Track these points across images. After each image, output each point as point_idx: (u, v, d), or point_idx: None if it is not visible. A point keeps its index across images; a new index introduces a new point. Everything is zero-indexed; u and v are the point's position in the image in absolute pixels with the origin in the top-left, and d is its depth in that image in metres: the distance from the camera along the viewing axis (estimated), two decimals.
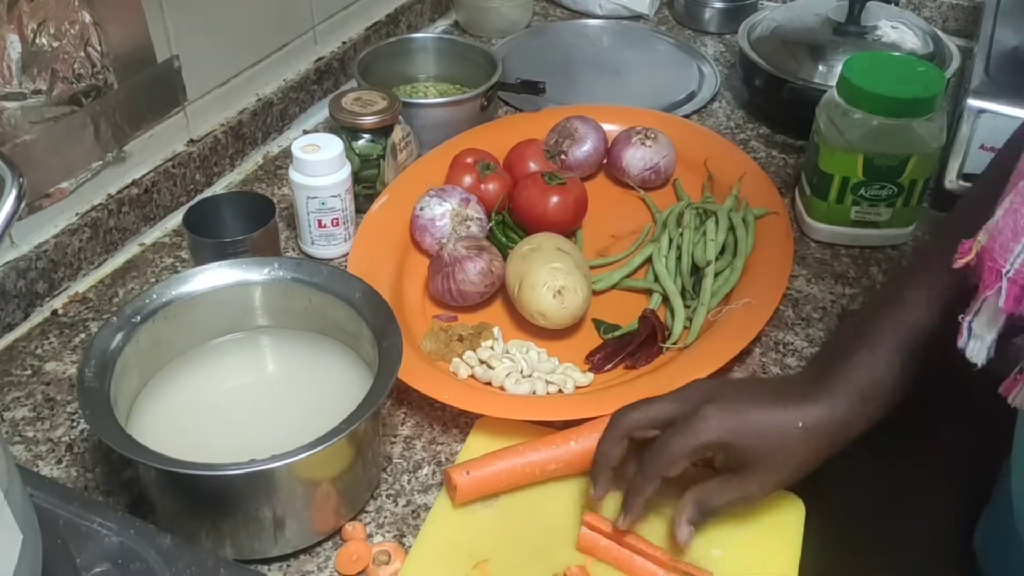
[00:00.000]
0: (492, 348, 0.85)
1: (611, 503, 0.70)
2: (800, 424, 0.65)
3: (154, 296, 0.73)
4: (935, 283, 0.67)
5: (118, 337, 0.70)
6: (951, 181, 1.02)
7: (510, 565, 0.68)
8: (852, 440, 0.66)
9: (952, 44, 1.17)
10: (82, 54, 0.88)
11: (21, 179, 0.52)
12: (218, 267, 0.76)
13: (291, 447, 0.63)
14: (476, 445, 0.77)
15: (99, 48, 0.89)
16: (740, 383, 0.82)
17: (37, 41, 0.83)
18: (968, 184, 1.01)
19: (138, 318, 0.72)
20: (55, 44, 0.85)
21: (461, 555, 0.69)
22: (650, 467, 0.67)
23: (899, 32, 1.18)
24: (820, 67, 1.14)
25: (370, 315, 0.74)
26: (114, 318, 0.71)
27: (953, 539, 1.02)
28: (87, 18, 0.87)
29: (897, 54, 1.11)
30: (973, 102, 1.00)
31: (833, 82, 1.00)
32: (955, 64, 1.13)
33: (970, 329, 0.55)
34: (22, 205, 0.52)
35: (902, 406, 0.66)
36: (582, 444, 0.72)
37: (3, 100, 0.82)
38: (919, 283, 0.68)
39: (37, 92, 0.85)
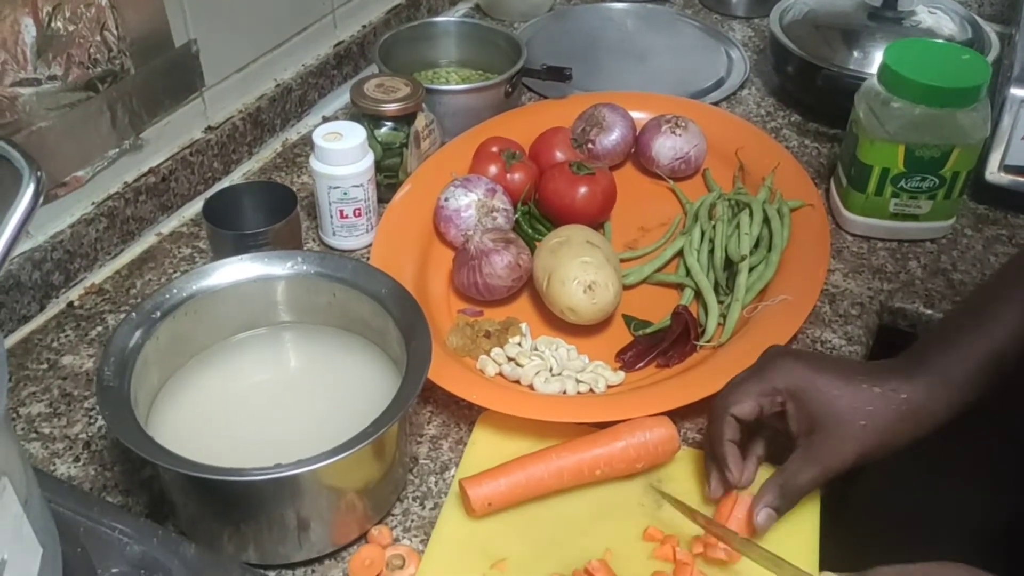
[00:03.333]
0: (520, 345, 0.82)
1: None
2: (876, 387, 0.64)
3: (174, 291, 0.71)
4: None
5: (137, 334, 0.67)
6: (992, 173, 0.99)
7: (529, 563, 0.66)
8: (936, 423, 0.64)
9: (990, 30, 1.13)
10: (98, 38, 0.85)
11: (39, 173, 0.50)
12: (240, 261, 0.74)
13: (315, 446, 0.61)
14: (482, 441, 0.75)
15: (115, 32, 0.87)
16: (819, 352, 0.84)
17: (52, 25, 0.81)
18: (1010, 177, 0.98)
19: (158, 314, 0.69)
20: (71, 28, 0.82)
21: (477, 556, 0.67)
22: (718, 405, 0.67)
23: (936, 17, 1.14)
24: (855, 53, 1.10)
25: (397, 312, 0.71)
26: (133, 314, 0.69)
27: (989, 541, 1.00)
28: (103, 1, 0.84)
29: (940, 41, 1.07)
30: (1016, 91, 0.96)
31: (869, 69, 0.97)
32: (994, 51, 1.10)
33: None
34: (40, 200, 0.49)
35: (990, 397, 0.65)
36: (608, 450, 0.70)
37: (18, 86, 0.80)
38: (1015, 286, 0.66)
39: (52, 78, 0.82)
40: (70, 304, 0.88)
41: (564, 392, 0.78)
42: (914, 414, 0.64)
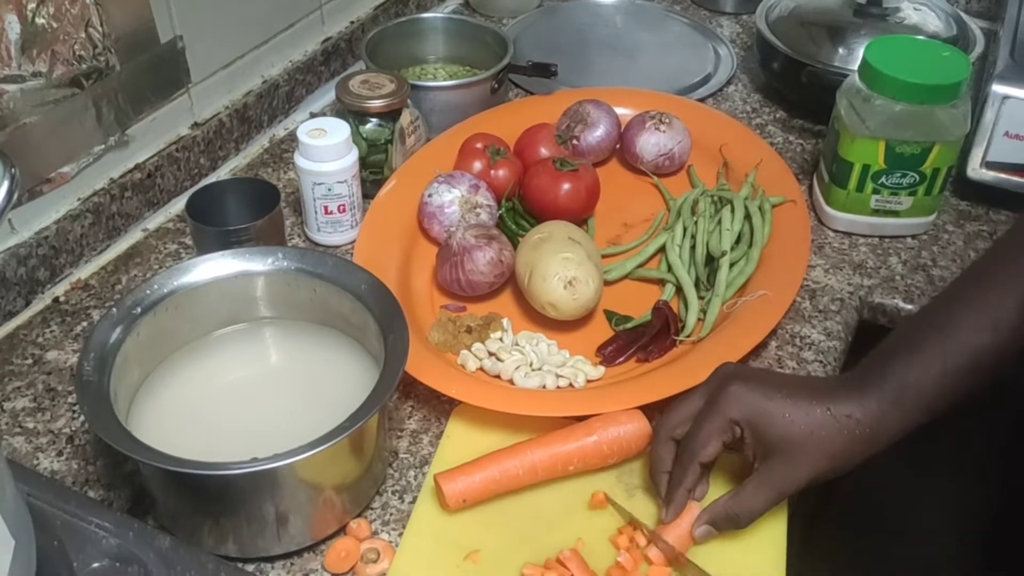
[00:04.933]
0: (501, 340, 0.83)
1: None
2: (829, 411, 0.64)
3: (155, 287, 0.72)
4: (991, 300, 0.64)
5: (118, 330, 0.68)
6: (974, 169, 0.99)
7: (502, 553, 0.67)
8: (890, 441, 0.64)
9: (975, 27, 1.14)
10: (83, 35, 0.86)
11: (13, 170, 0.51)
12: (220, 257, 0.74)
13: (295, 442, 0.61)
14: (456, 434, 0.76)
15: (100, 29, 0.87)
16: (770, 370, 0.82)
17: (36, 21, 0.81)
18: (992, 173, 0.99)
19: (138, 310, 0.70)
20: (55, 24, 0.83)
21: (451, 548, 0.67)
22: (685, 455, 0.67)
23: (921, 14, 1.15)
24: (840, 50, 1.11)
25: (376, 307, 0.72)
26: (114, 310, 0.69)
27: (971, 536, 1.00)
28: None
29: (921, 38, 1.07)
30: (998, 88, 0.97)
31: (853, 65, 0.97)
32: (979, 48, 1.10)
33: None
34: (14, 198, 0.50)
35: (945, 414, 0.64)
36: (582, 445, 0.71)
37: (2, 83, 0.80)
38: (973, 297, 0.66)
39: (37, 74, 0.83)
40: (55, 300, 0.88)
41: (544, 386, 0.79)
42: (867, 436, 0.63)
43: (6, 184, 0.49)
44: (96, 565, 0.55)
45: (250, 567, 0.67)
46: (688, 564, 0.66)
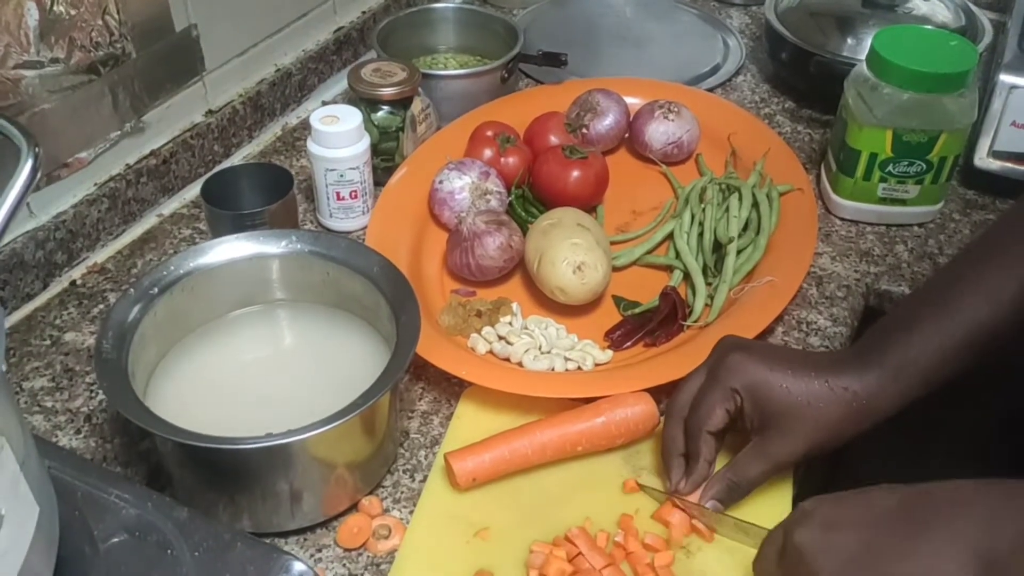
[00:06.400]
0: (511, 324, 0.84)
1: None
2: (827, 383, 0.65)
3: (172, 268, 0.73)
4: (990, 278, 0.65)
5: (136, 309, 0.69)
6: (981, 159, 1.00)
7: (511, 531, 0.68)
8: (886, 415, 0.65)
9: (984, 17, 1.14)
10: (100, 22, 0.87)
11: (37, 149, 0.52)
12: (236, 239, 0.76)
13: (308, 421, 0.63)
14: (466, 415, 0.77)
15: (117, 16, 0.88)
16: (771, 344, 0.83)
17: (55, 9, 0.83)
18: (999, 162, 0.99)
19: (156, 290, 0.71)
20: (72, 12, 0.84)
21: (460, 525, 0.68)
22: (693, 426, 0.68)
23: (930, 5, 1.15)
24: (848, 40, 1.12)
25: (388, 289, 0.73)
26: (132, 290, 0.71)
27: None
28: None
29: (929, 27, 1.08)
30: (1005, 78, 0.97)
31: (862, 56, 0.98)
32: (987, 38, 1.10)
33: None
34: (38, 175, 0.51)
35: (942, 388, 0.65)
36: (590, 426, 0.72)
37: (21, 68, 0.82)
38: (972, 275, 0.66)
39: (55, 60, 0.84)
40: (72, 283, 0.90)
41: (552, 369, 0.80)
42: (863, 409, 0.64)
43: (30, 162, 0.51)
44: (116, 539, 0.56)
45: (264, 540, 0.69)
46: (725, 519, 0.67)
